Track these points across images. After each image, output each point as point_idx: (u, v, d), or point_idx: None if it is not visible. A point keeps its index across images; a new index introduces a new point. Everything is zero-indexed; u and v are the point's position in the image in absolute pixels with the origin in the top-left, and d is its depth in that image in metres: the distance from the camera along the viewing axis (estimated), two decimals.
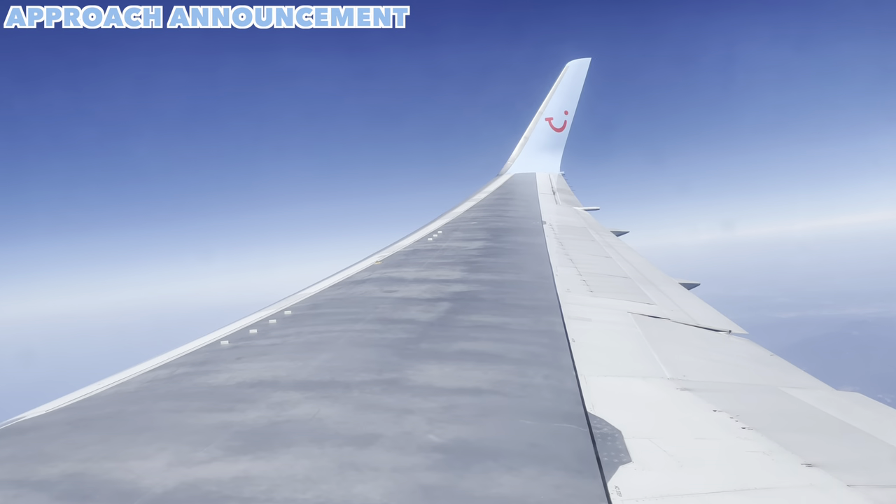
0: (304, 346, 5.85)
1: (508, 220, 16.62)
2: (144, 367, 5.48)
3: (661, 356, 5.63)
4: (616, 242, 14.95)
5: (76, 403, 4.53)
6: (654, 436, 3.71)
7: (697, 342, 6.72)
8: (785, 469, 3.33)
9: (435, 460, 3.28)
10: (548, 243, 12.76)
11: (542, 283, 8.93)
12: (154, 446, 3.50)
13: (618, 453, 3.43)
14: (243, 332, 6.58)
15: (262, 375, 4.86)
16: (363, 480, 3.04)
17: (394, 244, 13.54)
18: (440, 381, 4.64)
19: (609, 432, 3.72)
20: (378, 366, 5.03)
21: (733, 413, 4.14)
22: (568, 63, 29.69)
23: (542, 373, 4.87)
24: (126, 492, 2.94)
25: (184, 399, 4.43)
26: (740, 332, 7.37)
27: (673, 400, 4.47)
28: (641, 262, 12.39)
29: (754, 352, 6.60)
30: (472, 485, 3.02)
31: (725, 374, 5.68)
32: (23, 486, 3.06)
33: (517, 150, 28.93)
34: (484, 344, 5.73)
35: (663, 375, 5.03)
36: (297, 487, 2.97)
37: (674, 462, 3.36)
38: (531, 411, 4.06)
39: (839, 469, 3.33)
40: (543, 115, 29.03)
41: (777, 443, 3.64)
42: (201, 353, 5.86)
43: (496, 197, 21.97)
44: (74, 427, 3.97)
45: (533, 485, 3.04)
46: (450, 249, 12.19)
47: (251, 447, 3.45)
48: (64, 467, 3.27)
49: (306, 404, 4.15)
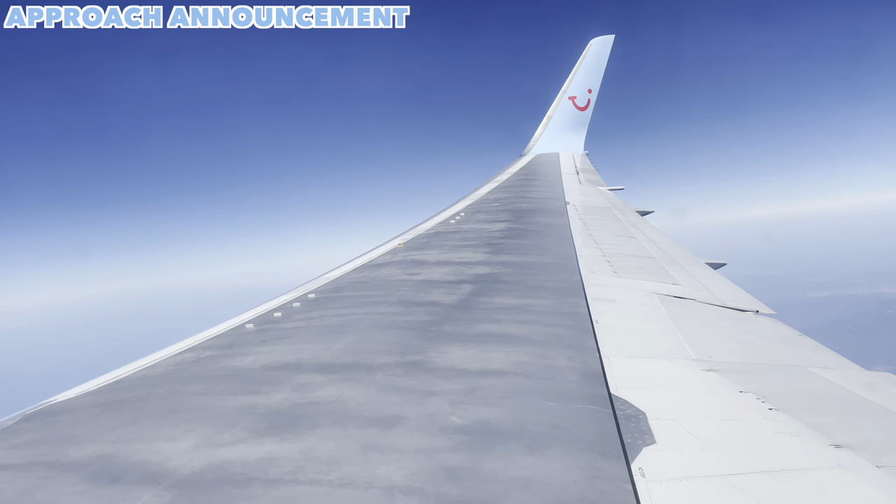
0: (327, 328, 5.89)
1: (531, 201, 16.52)
2: (171, 351, 5.56)
3: (686, 337, 5.57)
4: (640, 222, 14.79)
5: (105, 386, 4.62)
6: (679, 417, 3.68)
7: (723, 322, 6.63)
8: (813, 450, 3.29)
9: (458, 442, 3.29)
10: (571, 224, 12.67)
11: (566, 264, 8.88)
12: (181, 428, 3.55)
13: (641, 435, 3.41)
14: (268, 316, 6.64)
15: (287, 358, 4.91)
16: (386, 462, 3.06)
17: (416, 227, 13.53)
18: (463, 363, 4.64)
19: (633, 414, 3.70)
20: (401, 348, 5.04)
21: (760, 394, 4.09)
22: (591, 40, 29.29)
23: (565, 354, 4.85)
24: (154, 473, 2.99)
25: (210, 382, 4.49)
26: (768, 312, 7.26)
27: (698, 381, 4.43)
28: (666, 242, 12.25)
29: (782, 332, 6.51)
30: (495, 466, 3.02)
31: (752, 354, 5.61)
32: (54, 468, 3.13)
33: (540, 129, 28.68)
34: (507, 326, 5.72)
35: (688, 356, 4.98)
36: (321, 469, 3.00)
37: (698, 443, 3.33)
38: (554, 393, 4.05)
39: (868, 450, 3.28)
40: (566, 93, 28.71)
41: (804, 423, 3.60)
42: (227, 337, 5.93)
43: (519, 178, 21.83)
44: (104, 410, 4.04)
45: (556, 466, 3.04)
46: (472, 231, 12.15)
47: (276, 429, 3.49)
48: (94, 449, 3.33)
49: (330, 387, 4.18)
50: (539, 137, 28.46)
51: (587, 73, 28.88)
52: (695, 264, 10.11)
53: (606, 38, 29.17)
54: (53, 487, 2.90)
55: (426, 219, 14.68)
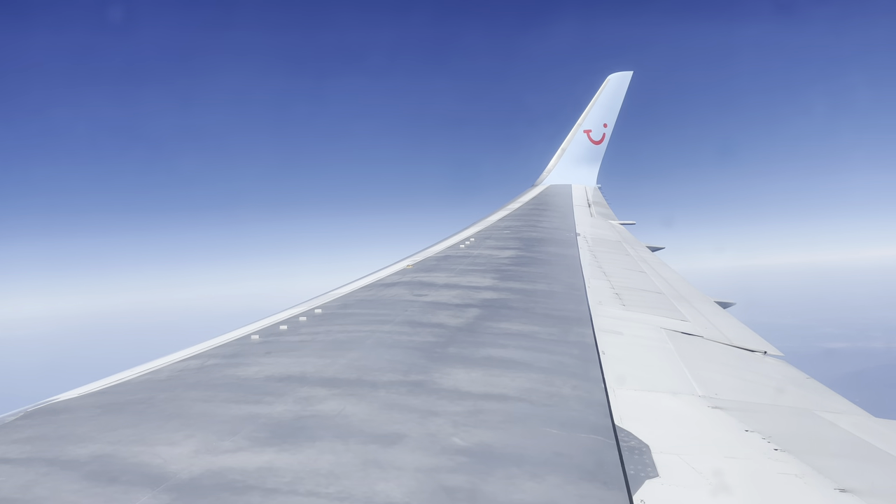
0: (332, 344, 5.88)
1: (542, 231, 16.53)
2: (176, 357, 5.56)
3: (692, 373, 5.52)
4: (651, 258, 14.77)
5: (108, 388, 4.62)
6: (683, 452, 3.64)
7: (731, 361, 6.58)
8: (817, 493, 3.24)
9: (458, 463, 3.26)
10: (581, 255, 12.66)
11: (574, 294, 8.85)
12: (182, 433, 3.54)
13: (644, 467, 3.36)
14: (273, 328, 6.64)
15: (291, 370, 4.90)
16: (386, 478, 3.03)
17: (425, 249, 13.56)
18: (467, 385, 4.61)
19: (636, 446, 3.66)
20: (405, 367, 5.02)
21: (766, 434, 4.04)
22: (609, 76, 29.48)
23: (570, 383, 4.82)
24: (153, 475, 2.97)
25: (213, 389, 4.48)
26: (776, 353, 7.20)
27: (704, 417, 4.38)
28: (676, 278, 12.21)
29: (790, 373, 6.45)
30: (495, 489, 2.99)
31: (759, 394, 5.55)
32: (53, 464, 3.12)
33: (554, 161, 28.79)
34: (512, 351, 5.69)
35: (694, 392, 4.94)
36: (321, 481, 2.98)
37: (702, 480, 3.29)
38: (558, 421, 4.02)
39: (874, 496, 3.23)
40: (582, 127, 28.84)
41: (810, 466, 3.55)
42: (232, 346, 5.93)
43: (531, 207, 21.88)
44: (105, 411, 4.04)
45: (556, 493, 3.00)
46: (481, 257, 12.16)
47: (277, 439, 3.47)
48: (93, 448, 3.32)
49: (332, 401, 4.16)
50: (552, 168, 28.56)
51: (603, 107, 29.04)
52: (704, 302, 10.06)
53: (625, 74, 29.37)
54: (52, 484, 2.89)
55: (436, 242, 14.71)
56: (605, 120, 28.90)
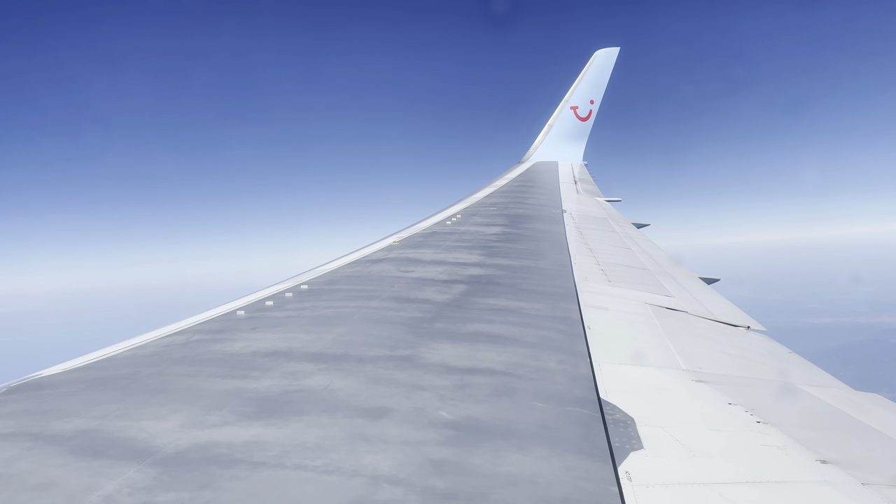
0: (318, 319, 5.86)
1: (528, 208, 16.53)
2: (161, 333, 5.53)
3: (677, 347, 5.57)
4: (636, 234, 14.83)
5: (92, 364, 4.58)
6: (667, 425, 3.68)
7: (715, 336, 6.65)
8: (799, 464, 3.29)
9: (445, 436, 3.28)
10: (567, 232, 12.68)
11: (560, 270, 8.88)
12: (168, 408, 3.52)
13: (630, 440, 3.40)
14: (259, 304, 6.61)
15: (277, 346, 4.88)
16: (373, 452, 3.04)
17: (412, 226, 13.52)
18: (453, 360, 4.63)
19: (622, 419, 3.69)
20: (392, 342, 5.03)
21: (748, 407, 4.10)
22: (596, 52, 29.38)
23: (556, 357, 4.85)
24: (139, 449, 2.96)
25: (199, 364, 4.46)
26: (759, 328, 7.28)
27: (687, 391, 4.43)
28: (661, 254, 12.28)
29: (772, 348, 6.53)
30: (482, 462, 3.01)
31: (742, 368, 5.61)
32: (37, 439, 3.10)
33: (540, 138, 28.73)
34: (499, 327, 5.71)
35: (678, 366, 4.99)
36: (308, 455, 2.98)
37: (686, 451, 3.33)
38: (544, 394, 4.04)
39: (854, 467, 3.29)
40: (569, 103, 28.77)
41: (792, 438, 3.60)
42: (217, 322, 5.90)
43: (517, 184, 21.86)
44: (90, 386, 4.01)
45: (542, 465, 3.02)
46: (468, 233, 12.15)
47: (263, 414, 3.47)
48: (78, 423, 3.30)
49: (319, 375, 4.16)
50: (539, 145, 28.50)
51: (590, 83, 28.95)
52: (688, 278, 10.13)
53: (611, 50, 29.27)
54: (36, 458, 2.87)
55: (423, 219, 14.68)
56: (592, 96, 28.84)
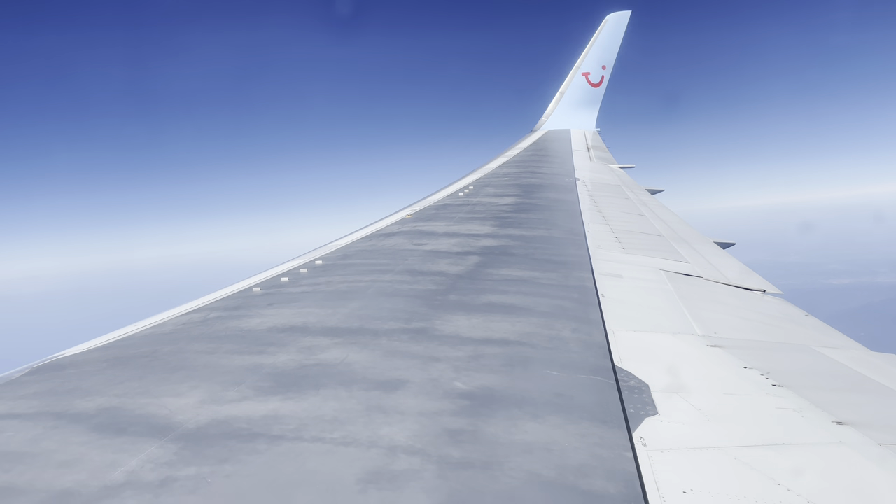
0: (333, 294, 5.90)
1: (541, 177, 16.43)
2: (179, 311, 5.60)
3: (691, 313, 5.56)
4: (650, 200, 14.72)
5: (112, 343, 4.66)
6: (682, 390, 3.68)
7: (730, 300, 6.62)
8: (815, 426, 3.29)
9: (460, 406, 3.31)
10: (580, 200, 12.61)
11: (574, 239, 8.85)
12: (187, 384, 3.58)
13: (644, 406, 3.41)
14: (275, 280, 6.66)
15: (293, 321, 4.93)
16: (389, 423, 3.08)
17: (424, 199, 13.50)
18: (468, 331, 4.65)
19: (636, 385, 3.70)
20: (406, 315, 5.05)
21: (764, 370, 4.09)
22: (607, 16, 28.89)
23: (570, 326, 4.86)
24: (160, 426, 3.02)
25: (217, 341, 4.52)
26: (775, 291, 7.24)
27: (702, 356, 4.43)
28: (676, 220, 12.19)
29: (788, 311, 6.49)
30: (497, 430, 3.04)
31: (757, 332, 5.60)
32: (61, 418, 3.16)
33: (552, 105, 28.44)
34: (512, 297, 5.72)
35: (693, 332, 4.98)
36: (325, 427, 3.02)
37: (701, 416, 3.34)
38: (558, 363, 4.06)
39: (871, 428, 3.28)
40: (580, 69, 28.39)
41: (808, 400, 3.60)
42: (234, 299, 5.96)
43: (529, 153, 21.71)
44: (110, 365, 4.08)
45: (557, 433, 3.05)
46: (480, 205, 12.12)
47: (281, 388, 3.52)
48: (100, 401, 3.37)
49: (335, 349, 4.20)
50: (551, 113, 28.22)
51: (602, 48, 28.52)
52: (703, 243, 10.07)
53: (622, 14, 28.76)
54: (60, 437, 2.94)
55: (435, 191, 14.65)
56: (604, 62, 28.43)
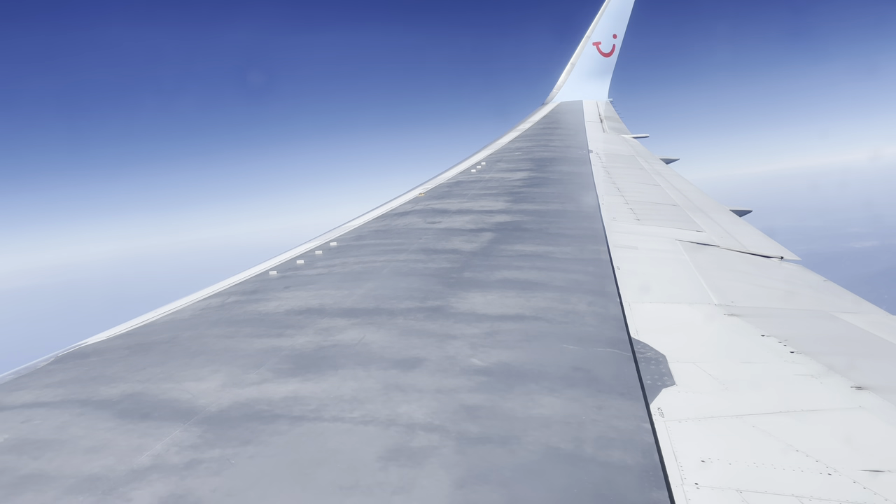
0: (349, 275, 5.94)
1: (554, 150, 16.32)
2: (197, 297, 5.66)
3: (708, 283, 5.53)
4: (665, 170, 14.58)
5: (133, 330, 4.73)
6: (699, 360, 3.68)
7: (747, 268, 6.57)
8: (834, 392, 3.28)
9: (478, 382, 3.33)
10: (594, 172, 12.53)
11: (588, 212, 8.81)
12: (208, 369, 3.64)
13: (661, 377, 3.42)
14: (290, 263, 6.71)
15: (310, 303, 4.97)
16: (408, 401, 3.12)
17: (437, 176, 13.48)
18: (483, 308, 4.67)
19: (653, 357, 3.71)
20: (422, 294, 5.08)
21: (782, 337, 4.08)
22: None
23: (585, 300, 4.86)
24: (183, 410, 3.08)
25: (235, 325, 4.57)
26: (793, 258, 7.18)
27: (720, 325, 4.42)
28: (691, 189, 12.08)
29: (807, 277, 6.44)
30: (515, 405, 3.06)
31: (775, 299, 5.56)
32: (86, 405, 3.23)
33: (563, 77, 28.15)
34: (527, 272, 5.72)
35: (710, 301, 4.96)
36: (345, 407, 3.06)
37: (718, 385, 3.34)
38: (574, 337, 4.07)
39: (891, 392, 3.26)
40: (591, 39, 28.03)
41: (826, 366, 3.58)
42: (251, 283, 6.01)
43: (541, 126, 21.54)
44: (133, 351, 4.15)
45: (574, 406, 3.07)
46: (493, 180, 12.08)
47: (300, 370, 3.56)
48: (124, 388, 3.44)
49: (352, 330, 4.24)
50: (562, 85, 27.94)
51: (612, 17, 28.12)
52: (719, 212, 9.98)
53: None
54: (86, 423, 3.00)
55: (447, 168, 14.61)
56: (615, 30, 28.05)
